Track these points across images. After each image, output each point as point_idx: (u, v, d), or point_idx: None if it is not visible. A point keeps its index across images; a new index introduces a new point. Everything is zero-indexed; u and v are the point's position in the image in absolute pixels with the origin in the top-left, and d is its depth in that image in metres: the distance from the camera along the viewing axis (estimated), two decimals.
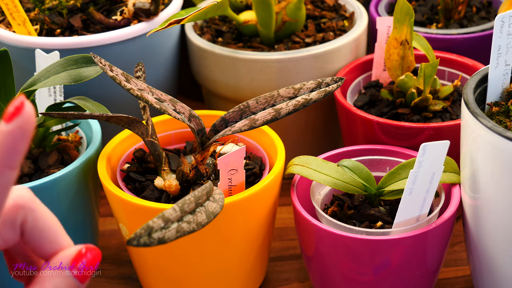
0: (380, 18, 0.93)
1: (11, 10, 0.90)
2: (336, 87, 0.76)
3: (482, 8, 1.09)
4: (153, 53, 0.96)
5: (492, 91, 0.75)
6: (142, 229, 0.57)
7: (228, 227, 0.74)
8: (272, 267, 0.87)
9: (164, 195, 0.76)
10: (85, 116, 0.70)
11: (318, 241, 0.74)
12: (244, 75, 0.95)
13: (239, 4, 1.01)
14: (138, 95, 0.71)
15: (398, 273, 0.73)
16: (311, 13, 1.03)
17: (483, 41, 0.99)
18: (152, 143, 0.77)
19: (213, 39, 1.01)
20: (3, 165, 0.45)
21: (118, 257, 0.90)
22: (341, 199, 0.81)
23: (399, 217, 0.72)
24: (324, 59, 0.95)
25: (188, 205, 0.62)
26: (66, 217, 0.79)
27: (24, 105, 0.44)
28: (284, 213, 0.95)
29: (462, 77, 0.94)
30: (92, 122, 0.86)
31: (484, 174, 0.69)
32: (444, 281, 0.85)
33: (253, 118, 0.75)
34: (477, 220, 0.72)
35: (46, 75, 0.77)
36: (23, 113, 0.44)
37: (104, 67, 0.72)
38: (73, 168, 0.77)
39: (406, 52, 0.88)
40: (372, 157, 0.84)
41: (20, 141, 0.45)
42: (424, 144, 0.67)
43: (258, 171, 0.80)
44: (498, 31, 0.72)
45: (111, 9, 0.97)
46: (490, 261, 0.72)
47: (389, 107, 0.90)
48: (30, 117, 0.44)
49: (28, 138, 0.45)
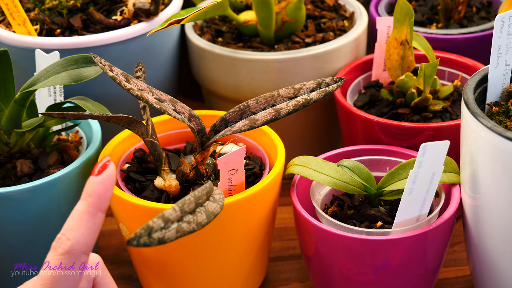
0: (380, 18, 0.93)
1: (11, 10, 0.90)
2: (336, 87, 0.76)
3: (482, 8, 1.09)
4: (153, 53, 0.96)
5: (492, 91, 0.75)
6: (142, 229, 0.57)
7: (228, 227, 0.74)
8: (272, 267, 0.87)
9: (164, 195, 0.76)
10: (85, 116, 0.70)
11: (318, 241, 0.74)
12: (244, 75, 0.95)
13: (239, 4, 1.01)
14: (138, 95, 0.71)
15: (398, 273, 0.73)
16: (311, 13, 1.03)
17: (483, 41, 0.99)
18: (152, 143, 0.77)
19: (213, 39, 1.01)
20: (96, 209, 0.57)
21: (118, 257, 0.90)
22: (341, 199, 0.81)
23: (399, 217, 0.72)
24: (324, 59, 0.95)
25: (188, 205, 0.62)
26: (66, 217, 0.79)
27: (110, 162, 0.58)
28: (284, 213, 0.95)
29: (462, 77, 0.94)
30: (92, 122, 0.86)
31: (484, 174, 0.69)
32: (444, 281, 0.85)
33: (253, 118, 0.75)
34: (477, 220, 0.72)
35: (46, 75, 0.77)
36: (109, 167, 0.58)
37: (104, 67, 0.72)
38: (73, 168, 0.77)
39: (406, 52, 0.88)
40: (372, 157, 0.84)
41: (108, 189, 0.57)
42: (424, 144, 0.67)
43: (258, 171, 0.80)
44: (498, 31, 0.72)
45: (111, 9, 0.97)
46: (490, 261, 0.72)
47: (389, 107, 0.90)
48: (114, 171, 0.58)
49: (113, 187, 0.58)
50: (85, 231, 0.57)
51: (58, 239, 0.57)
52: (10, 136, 0.79)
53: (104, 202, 0.58)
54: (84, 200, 0.58)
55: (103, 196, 0.57)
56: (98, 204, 0.57)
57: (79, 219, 0.57)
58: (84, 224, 0.57)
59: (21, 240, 0.78)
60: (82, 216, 0.57)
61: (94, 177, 0.58)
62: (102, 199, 0.57)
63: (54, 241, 0.58)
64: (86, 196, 0.58)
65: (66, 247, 0.56)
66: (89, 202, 0.57)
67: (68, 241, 0.57)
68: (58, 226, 0.79)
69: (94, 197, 0.57)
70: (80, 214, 0.57)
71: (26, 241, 0.78)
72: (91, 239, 0.57)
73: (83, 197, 0.58)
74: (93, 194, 0.57)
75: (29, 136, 0.80)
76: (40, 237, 0.78)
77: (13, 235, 0.77)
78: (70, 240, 0.57)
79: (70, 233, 0.57)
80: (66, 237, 0.57)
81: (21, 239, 0.78)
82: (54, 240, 0.58)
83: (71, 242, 0.57)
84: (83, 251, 0.57)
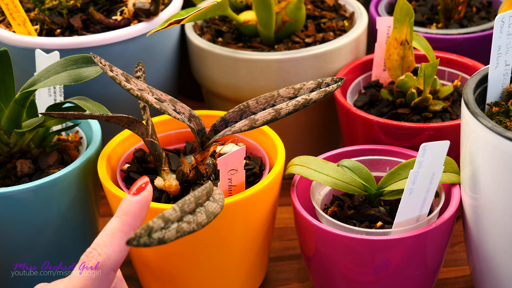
0: (380, 18, 0.93)
1: (11, 10, 0.90)
2: (336, 87, 0.76)
3: (482, 8, 1.09)
4: (153, 53, 0.96)
5: (492, 91, 0.75)
6: (142, 229, 0.57)
7: (228, 227, 0.74)
8: (272, 267, 0.88)
9: (164, 195, 0.76)
10: (85, 116, 0.70)
11: (318, 241, 0.74)
12: (244, 75, 0.95)
13: (239, 4, 1.01)
14: (138, 95, 0.71)
15: (398, 273, 0.73)
16: (311, 13, 1.03)
17: (483, 41, 0.99)
18: (152, 143, 0.77)
19: (213, 39, 1.01)
20: (130, 227, 0.58)
21: None
22: (341, 199, 0.81)
23: (399, 217, 0.72)
24: (324, 59, 0.95)
25: (188, 205, 0.62)
26: (66, 217, 0.79)
27: (148, 183, 0.60)
28: (284, 213, 0.95)
29: (462, 77, 0.94)
30: (92, 122, 0.86)
31: (484, 174, 0.69)
32: (444, 281, 0.85)
33: (253, 118, 0.75)
34: (477, 220, 0.72)
35: (46, 75, 0.77)
36: (147, 188, 0.59)
37: (104, 67, 0.72)
38: (73, 168, 0.77)
39: (406, 52, 0.88)
40: (372, 157, 0.84)
41: (144, 209, 0.59)
42: (424, 144, 0.67)
43: (258, 171, 0.80)
44: (498, 31, 0.72)
45: (111, 9, 0.97)
46: (490, 261, 0.72)
47: (389, 107, 0.90)
48: (151, 193, 0.60)
49: (148, 208, 0.59)
50: (117, 248, 0.57)
51: (89, 253, 0.58)
52: (10, 136, 0.79)
53: (138, 221, 0.59)
54: (119, 218, 0.58)
55: (138, 215, 0.58)
56: (132, 223, 0.58)
57: (112, 236, 0.58)
58: (117, 241, 0.57)
59: (21, 240, 0.78)
60: (116, 233, 0.58)
61: (131, 196, 0.59)
62: (137, 219, 0.58)
63: (84, 254, 0.58)
64: (121, 214, 0.58)
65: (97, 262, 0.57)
66: (123, 220, 0.58)
67: (100, 256, 0.57)
68: (58, 226, 0.79)
69: (130, 215, 0.58)
70: (114, 231, 0.58)
71: (26, 241, 0.78)
72: (121, 256, 0.58)
73: (117, 215, 0.58)
74: (129, 212, 0.58)
75: (29, 136, 0.80)
76: (40, 237, 0.78)
77: (13, 235, 0.77)
78: (101, 255, 0.57)
79: (102, 248, 0.57)
80: (98, 252, 0.57)
81: (21, 239, 0.78)
82: (84, 253, 0.58)
83: (102, 258, 0.57)
84: (112, 268, 0.57)
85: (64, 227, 0.80)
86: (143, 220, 0.60)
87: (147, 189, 0.59)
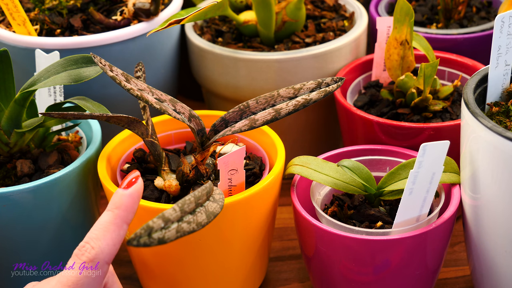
0: (380, 18, 0.93)
1: (11, 10, 0.90)
2: (336, 87, 0.76)
3: (482, 8, 1.09)
4: (153, 53, 0.96)
5: (492, 91, 0.75)
6: (142, 229, 0.57)
7: (228, 227, 0.74)
8: (272, 267, 0.87)
9: (164, 195, 0.76)
10: (85, 116, 0.70)
11: (318, 241, 0.74)
12: (244, 75, 0.95)
13: (239, 4, 1.01)
14: (138, 95, 0.71)
15: (398, 273, 0.73)
16: (311, 13, 1.03)
17: (483, 41, 0.99)
18: (152, 143, 0.77)
19: (213, 39, 1.01)
20: (122, 221, 0.59)
21: (118, 257, 0.90)
22: (341, 199, 0.81)
23: (399, 217, 0.72)
24: (324, 59, 0.95)
25: (188, 205, 0.62)
26: (66, 217, 0.79)
27: (139, 177, 0.60)
28: (284, 213, 0.95)
29: (462, 77, 0.94)
30: (92, 122, 0.86)
31: (484, 174, 0.69)
32: (444, 281, 0.85)
33: (253, 118, 0.75)
34: (477, 220, 0.72)
35: (46, 75, 0.77)
36: (138, 182, 0.60)
37: (104, 67, 0.72)
38: (73, 168, 0.77)
39: (406, 52, 0.88)
40: (372, 157, 0.84)
41: (136, 202, 0.59)
42: (424, 144, 0.67)
43: (258, 171, 0.80)
44: (498, 31, 0.72)
45: (111, 9, 0.97)
46: (490, 261, 0.72)
47: (389, 107, 0.90)
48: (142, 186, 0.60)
49: (139, 201, 0.60)
50: (110, 241, 0.58)
51: (82, 247, 0.58)
52: (10, 136, 0.79)
53: (130, 215, 0.59)
54: (111, 211, 0.59)
55: (130, 208, 0.59)
56: (124, 216, 0.59)
57: (105, 229, 0.58)
58: (110, 235, 0.58)
59: (21, 240, 0.78)
60: (108, 226, 0.58)
61: (122, 190, 0.59)
62: (129, 212, 0.59)
63: (77, 249, 0.58)
64: (114, 208, 0.59)
65: (91, 255, 0.57)
66: (116, 214, 0.58)
67: (93, 250, 0.57)
68: (58, 226, 0.79)
69: (122, 209, 0.59)
70: (106, 224, 0.58)
71: (26, 241, 0.78)
72: (114, 250, 0.58)
73: (109, 208, 0.59)
74: (121, 206, 0.59)
75: (29, 136, 0.80)
76: (40, 237, 0.78)
77: (13, 235, 0.77)
78: (94, 249, 0.57)
79: (95, 242, 0.58)
80: (91, 246, 0.57)
81: (21, 239, 0.78)
82: (77, 248, 0.58)
83: (95, 251, 0.57)
84: (106, 261, 0.58)
85: (64, 227, 0.80)
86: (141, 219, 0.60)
87: (138, 183, 0.60)
